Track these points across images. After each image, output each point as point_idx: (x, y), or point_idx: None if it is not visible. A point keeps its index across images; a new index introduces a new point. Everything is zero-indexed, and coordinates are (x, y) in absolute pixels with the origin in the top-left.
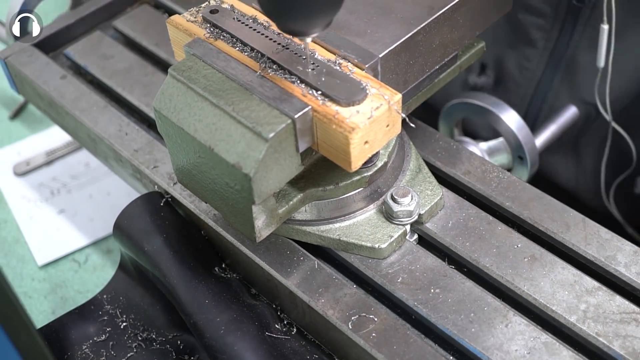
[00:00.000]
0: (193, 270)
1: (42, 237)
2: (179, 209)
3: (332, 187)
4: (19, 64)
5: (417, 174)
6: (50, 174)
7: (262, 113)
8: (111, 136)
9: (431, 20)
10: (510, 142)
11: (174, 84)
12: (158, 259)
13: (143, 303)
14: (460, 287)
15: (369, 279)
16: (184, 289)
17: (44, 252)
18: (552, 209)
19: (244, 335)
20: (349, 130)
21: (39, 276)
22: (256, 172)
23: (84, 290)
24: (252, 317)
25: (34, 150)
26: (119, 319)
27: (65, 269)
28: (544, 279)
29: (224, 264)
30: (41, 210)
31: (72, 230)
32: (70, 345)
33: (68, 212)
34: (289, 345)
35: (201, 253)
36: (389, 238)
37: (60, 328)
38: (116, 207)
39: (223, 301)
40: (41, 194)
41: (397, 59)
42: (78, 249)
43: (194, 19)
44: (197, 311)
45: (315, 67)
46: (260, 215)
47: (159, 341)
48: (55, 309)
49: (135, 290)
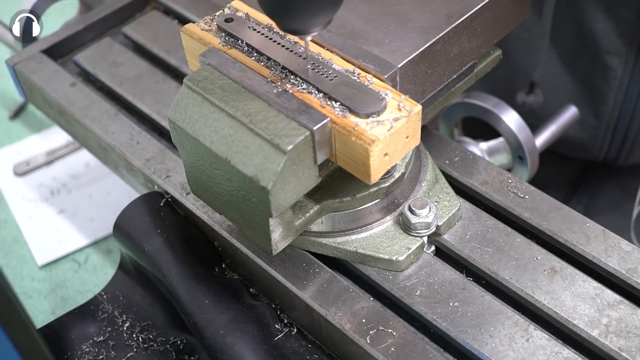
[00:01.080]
0: (193, 270)
1: (42, 237)
2: (179, 210)
3: (349, 198)
4: (28, 71)
5: (434, 185)
6: (50, 174)
7: (280, 125)
8: (122, 145)
9: (450, 29)
10: (511, 142)
11: (189, 94)
12: (158, 259)
13: (143, 303)
14: (480, 301)
15: (386, 292)
16: (184, 289)
17: (44, 252)
18: (572, 220)
19: (243, 335)
20: (369, 142)
21: (39, 276)
22: (274, 185)
23: (84, 290)
24: (252, 317)
25: (34, 150)
26: (119, 319)
27: (65, 269)
28: (564, 292)
29: (224, 264)
30: (41, 210)
31: (72, 230)
32: (70, 345)
33: (68, 212)
34: (289, 345)
35: (201, 253)
36: (406, 250)
37: (60, 328)
38: (116, 207)
39: (223, 301)
40: (41, 194)
41: (416, 69)
42: (78, 249)
43: (208, 27)
44: (197, 311)
45: (334, 77)
46: (277, 227)
47: (159, 341)
48: (55, 309)
49: (135, 290)
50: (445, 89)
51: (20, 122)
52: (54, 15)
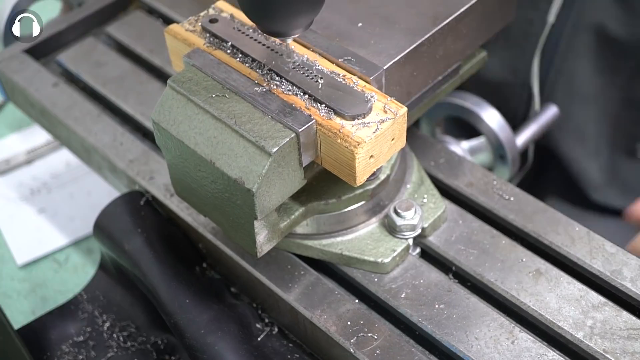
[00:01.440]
0: (173, 269)
1: (22, 236)
2: (161, 210)
3: (334, 200)
4: (10, 70)
5: (419, 187)
6: (31, 173)
7: (265, 127)
8: (106, 146)
9: (435, 31)
10: (492, 141)
11: (174, 95)
12: (138, 258)
13: (123, 303)
14: (465, 303)
15: (371, 294)
16: (165, 289)
17: (24, 251)
18: (556, 222)
19: (224, 335)
20: (354, 144)
21: (18, 276)
22: (259, 187)
23: (64, 290)
24: (233, 317)
25: (14, 149)
26: (100, 319)
27: (45, 268)
28: (549, 294)
29: (205, 263)
30: (21, 210)
31: (52, 230)
32: (50, 346)
33: (48, 212)
34: (270, 344)
35: (182, 253)
36: (392, 252)
37: (40, 328)
38: (97, 206)
39: (204, 301)
40: (21, 193)
41: (401, 71)
42: (58, 249)
43: (192, 28)
44: (178, 311)
45: (319, 79)
46: (261, 230)
47: (140, 341)
48: (35, 309)
49: (116, 290)
50: (431, 90)
51: (0, 120)
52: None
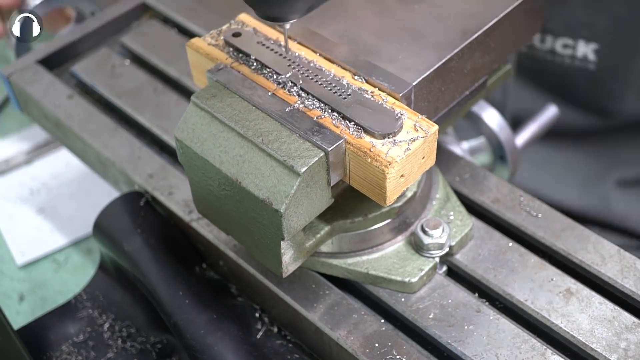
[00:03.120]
0: (173, 270)
1: (22, 236)
2: (160, 209)
3: (360, 218)
4: (24, 82)
5: (445, 203)
6: (30, 173)
7: (293, 145)
8: (123, 160)
9: (464, 46)
10: (492, 142)
11: (197, 112)
12: (138, 258)
13: (123, 303)
14: (495, 324)
15: (398, 314)
16: (164, 289)
17: (24, 251)
18: (586, 240)
19: (224, 335)
20: (385, 164)
21: (18, 276)
22: (287, 208)
23: (64, 290)
24: (232, 317)
25: (13, 149)
26: (99, 320)
27: (45, 268)
28: (581, 315)
29: (204, 264)
30: (21, 210)
31: (52, 230)
32: (50, 346)
33: (48, 212)
34: (270, 344)
35: (181, 253)
36: (419, 272)
37: (39, 328)
38: (97, 206)
39: (203, 301)
40: (21, 193)
41: (430, 87)
42: (58, 249)
43: (215, 42)
44: (178, 311)
45: (347, 95)
46: (288, 250)
47: (139, 341)
48: (34, 310)
49: (116, 290)
50: (457, 105)
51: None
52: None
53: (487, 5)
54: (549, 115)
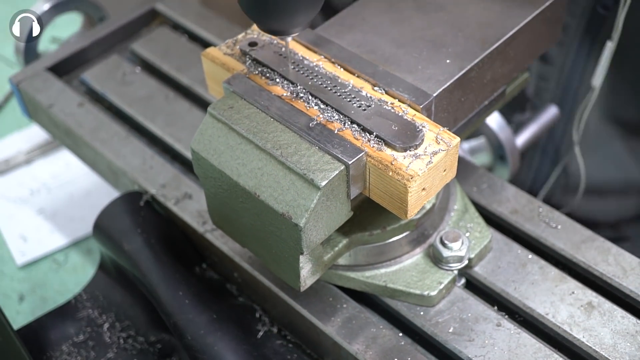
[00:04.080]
0: (173, 270)
1: (22, 236)
2: (160, 209)
3: (379, 231)
4: (33, 90)
5: (463, 214)
6: (30, 173)
7: (312, 158)
8: (135, 170)
9: (484, 56)
10: (492, 142)
11: (214, 124)
12: (138, 258)
13: (123, 303)
14: (516, 338)
15: (417, 328)
16: (164, 289)
17: (24, 251)
18: (606, 252)
19: (224, 335)
20: (407, 178)
21: (18, 276)
22: (307, 222)
23: (64, 290)
24: (232, 317)
25: (13, 149)
26: (99, 320)
27: (45, 269)
28: (603, 329)
29: (204, 264)
30: (21, 210)
31: (52, 230)
32: (50, 346)
33: (48, 212)
34: (270, 344)
35: (182, 253)
36: (438, 285)
37: (39, 328)
38: (96, 206)
39: (203, 301)
40: (21, 193)
41: (450, 97)
42: (58, 249)
43: (231, 51)
44: (178, 311)
45: (367, 107)
46: (306, 264)
47: (139, 341)
48: (34, 310)
49: (115, 290)
50: (476, 115)
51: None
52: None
53: (507, 14)
54: (549, 115)
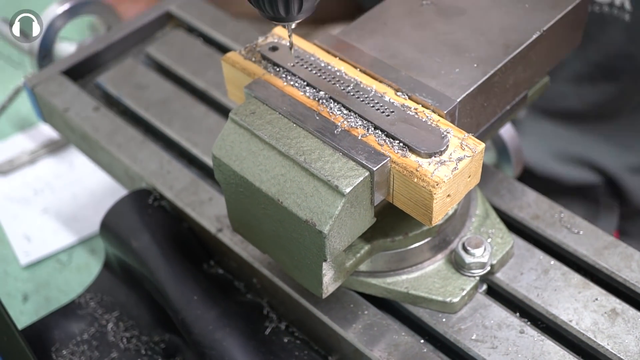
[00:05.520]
0: (181, 266)
1: (26, 236)
2: (167, 207)
3: (400, 237)
4: (48, 94)
5: (484, 220)
6: (34, 173)
7: (337, 164)
8: (152, 175)
9: (507, 60)
10: (495, 142)
11: (236, 129)
12: (146, 256)
13: (127, 303)
14: (540, 346)
15: (439, 335)
16: (172, 286)
17: (28, 251)
18: (629, 258)
19: (232, 331)
20: (432, 184)
21: (22, 276)
22: (331, 229)
23: (68, 290)
24: (240, 313)
25: (17, 149)
26: (103, 319)
27: (49, 269)
28: (627, 336)
29: (212, 260)
30: (25, 210)
31: (55, 230)
32: (54, 346)
33: (52, 212)
34: (277, 340)
35: (189, 250)
36: (460, 291)
37: (43, 328)
38: (100, 206)
39: (212, 297)
40: (24, 193)
41: (473, 102)
42: (62, 249)
43: (251, 56)
44: (186, 307)
45: (390, 112)
46: (329, 271)
47: (143, 341)
48: (38, 310)
49: (120, 289)
50: (498, 120)
51: (4, 120)
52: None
53: (529, 18)
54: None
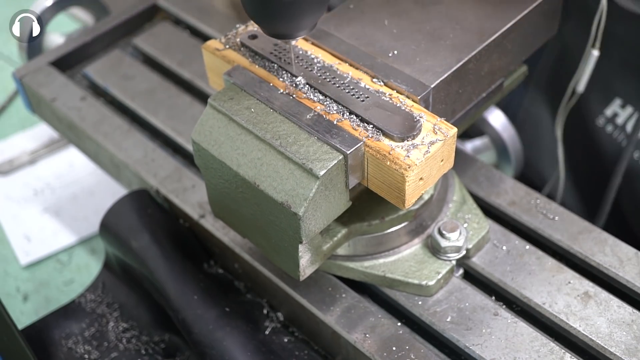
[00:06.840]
0: (181, 266)
1: (26, 236)
2: (167, 207)
3: (377, 221)
4: (36, 84)
5: (461, 206)
6: (34, 174)
7: (311, 148)
8: (137, 162)
9: (482, 48)
10: (495, 141)
11: (215, 115)
12: (146, 256)
13: (127, 302)
14: (513, 327)
15: (415, 318)
16: (173, 285)
17: (28, 251)
18: (603, 242)
19: (232, 330)
20: (405, 167)
21: (22, 276)
22: (305, 211)
23: (68, 290)
24: (240, 312)
25: (17, 150)
26: (103, 319)
27: (48, 268)
28: (599, 319)
29: (212, 260)
30: (25, 210)
31: (55, 230)
32: (54, 345)
33: (52, 212)
34: (277, 340)
35: (189, 249)
36: (436, 275)
37: (43, 328)
38: (100, 206)
39: (212, 297)
40: (25, 194)
41: (448, 89)
42: (62, 249)
43: (231, 44)
44: (186, 307)
45: (365, 98)
46: (305, 253)
47: (143, 341)
48: (38, 309)
49: (120, 289)
50: (474, 108)
51: (4, 120)
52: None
53: (504, 7)
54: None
